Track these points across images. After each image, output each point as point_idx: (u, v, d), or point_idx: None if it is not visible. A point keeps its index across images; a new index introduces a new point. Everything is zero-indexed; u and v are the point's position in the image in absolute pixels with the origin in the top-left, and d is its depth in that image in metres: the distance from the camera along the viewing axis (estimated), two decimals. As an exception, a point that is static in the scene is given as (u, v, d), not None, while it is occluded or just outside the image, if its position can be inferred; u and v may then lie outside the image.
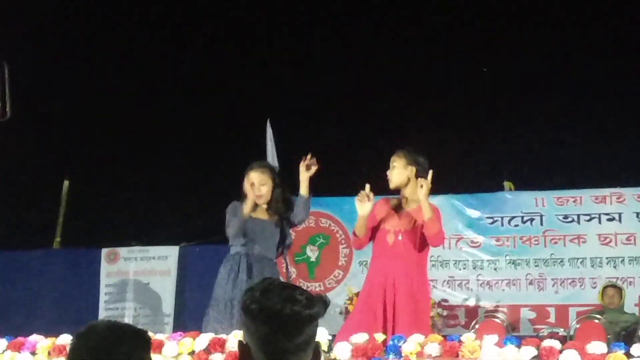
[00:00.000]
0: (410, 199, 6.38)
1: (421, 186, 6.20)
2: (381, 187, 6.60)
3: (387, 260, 6.29)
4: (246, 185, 6.61)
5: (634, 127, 11.51)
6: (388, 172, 6.44)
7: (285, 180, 6.86)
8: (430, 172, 6.34)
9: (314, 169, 6.56)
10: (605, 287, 9.83)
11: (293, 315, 2.46)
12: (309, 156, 6.55)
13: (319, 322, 2.54)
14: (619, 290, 9.77)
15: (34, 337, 5.56)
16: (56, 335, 5.47)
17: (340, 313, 10.25)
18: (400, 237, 6.27)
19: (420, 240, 6.28)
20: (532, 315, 10.37)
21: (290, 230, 6.86)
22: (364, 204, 6.34)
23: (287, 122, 11.60)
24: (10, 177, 12.66)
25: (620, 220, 10.37)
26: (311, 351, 2.53)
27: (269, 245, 6.63)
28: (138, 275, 11.46)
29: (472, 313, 10.46)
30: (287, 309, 2.45)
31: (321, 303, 2.53)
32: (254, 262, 6.55)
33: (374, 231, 6.46)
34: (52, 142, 12.86)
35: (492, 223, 10.71)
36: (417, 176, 6.34)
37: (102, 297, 11.48)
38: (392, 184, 6.41)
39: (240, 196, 6.69)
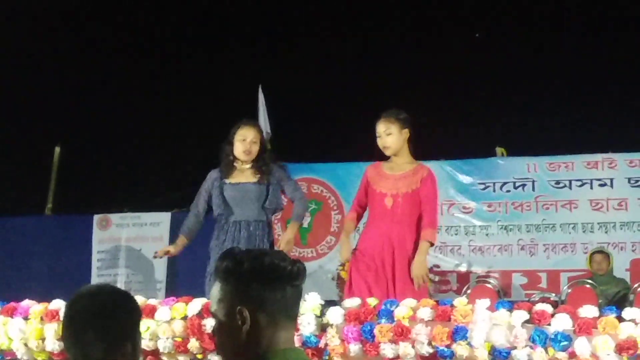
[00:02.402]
0: (403, 162, 6.40)
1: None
2: (373, 152, 6.60)
3: (385, 224, 6.32)
4: (236, 141, 6.58)
5: (626, 92, 11.51)
6: (380, 140, 6.41)
7: (276, 146, 6.86)
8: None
9: None
10: (592, 253, 9.86)
11: (303, 269, 2.47)
12: None
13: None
14: (607, 255, 9.79)
15: (27, 303, 5.56)
16: (49, 301, 5.48)
17: (333, 279, 10.25)
18: (400, 200, 6.29)
19: (417, 205, 6.32)
20: (524, 280, 10.41)
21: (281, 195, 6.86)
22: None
23: (279, 88, 11.57)
24: (1, 144, 12.62)
25: (611, 186, 10.39)
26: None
27: (254, 208, 6.60)
28: (130, 242, 11.45)
29: (463, 278, 10.49)
30: (296, 266, 2.45)
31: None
32: (241, 229, 6.54)
33: (369, 196, 6.50)
34: (43, 108, 12.81)
35: (484, 189, 10.71)
36: (409, 137, 6.39)
37: (95, 264, 11.48)
38: (391, 151, 6.40)
39: (222, 148, 6.68)
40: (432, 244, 6.32)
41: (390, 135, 6.36)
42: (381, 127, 6.40)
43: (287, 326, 2.44)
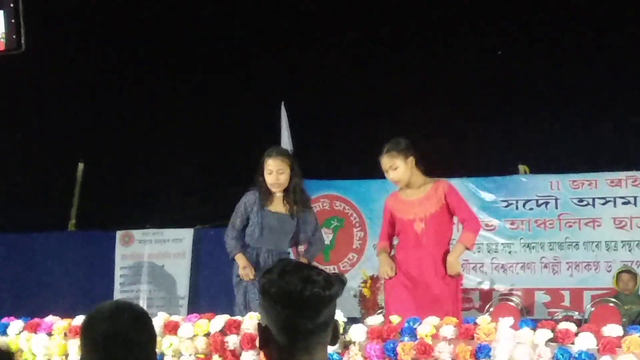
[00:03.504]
0: (420, 184, 6.47)
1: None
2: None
3: (416, 249, 6.36)
4: (265, 173, 6.58)
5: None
6: (388, 175, 6.49)
7: (299, 164, 6.83)
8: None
9: None
10: (619, 272, 9.80)
11: (313, 296, 2.44)
12: None
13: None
14: (634, 275, 9.73)
15: (50, 319, 5.59)
16: (72, 317, 5.50)
17: (355, 296, 10.25)
18: (430, 221, 6.35)
19: (446, 222, 6.39)
20: (547, 298, 10.36)
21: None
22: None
23: (301, 105, 11.58)
24: (25, 160, 12.69)
25: (635, 204, 10.33)
26: (331, 330, 2.53)
27: (284, 239, 6.66)
28: (153, 258, 11.49)
29: (486, 296, 10.45)
30: (307, 291, 2.43)
31: (339, 282, 2.51)
32: (272, 258, 6.54)
33: (397, 225, 6.54)
34: (66, 125, 12.87)
35: (507, 206, 10.68)
36: (416, 160, 6.43)
37: (117, 280, 11.51)
38: (402, 183, 6.51)
39: (256, 179, 6.68)
40: (468, 248, 6.43)
41: (397, 169, 6.42)
42: (386, 164, 6.48)
43: (312, 351, 2.46)
